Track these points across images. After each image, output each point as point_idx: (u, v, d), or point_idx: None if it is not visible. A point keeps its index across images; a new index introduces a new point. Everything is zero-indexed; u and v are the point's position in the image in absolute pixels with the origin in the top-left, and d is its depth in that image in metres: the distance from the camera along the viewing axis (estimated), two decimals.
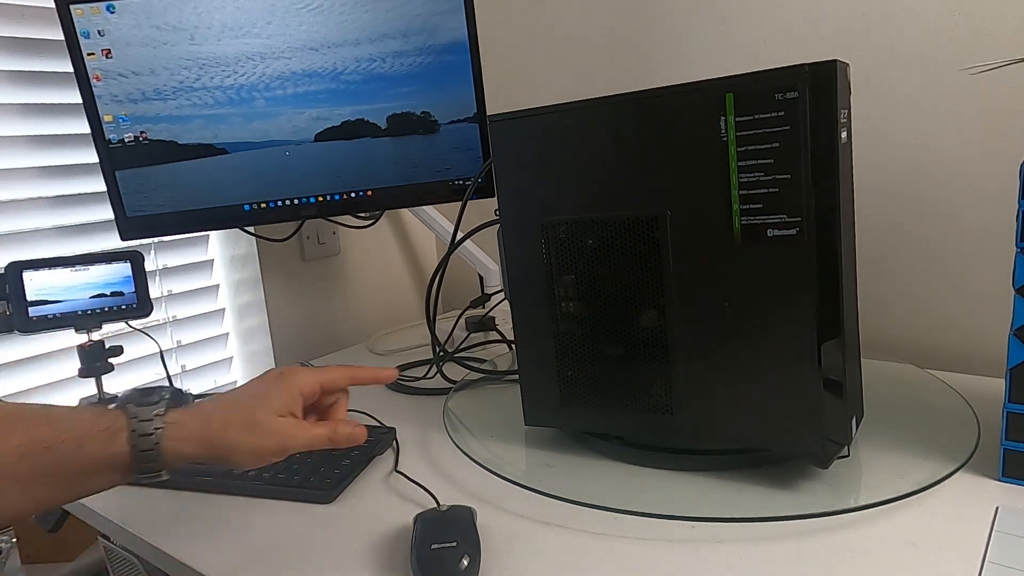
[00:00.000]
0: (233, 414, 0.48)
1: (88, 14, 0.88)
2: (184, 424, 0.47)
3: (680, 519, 0.55)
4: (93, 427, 0.44)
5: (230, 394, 0.51)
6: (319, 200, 0.99)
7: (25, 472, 0.41)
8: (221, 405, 0.49)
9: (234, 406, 0.49)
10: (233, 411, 0.48)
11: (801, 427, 0.56)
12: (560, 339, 0.66)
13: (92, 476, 0.44)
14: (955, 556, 0.48)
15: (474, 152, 0.99)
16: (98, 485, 0.45)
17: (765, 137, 0.53)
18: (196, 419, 0.47)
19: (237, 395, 0.51)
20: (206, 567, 0.56)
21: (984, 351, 0.84)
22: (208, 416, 0.48)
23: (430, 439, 0.76)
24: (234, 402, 0.49)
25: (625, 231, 0.60)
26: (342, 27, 0.93)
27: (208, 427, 0.47)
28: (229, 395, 0.51)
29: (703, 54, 0.98)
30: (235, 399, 0.50)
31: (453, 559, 0.50)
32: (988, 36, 0.77)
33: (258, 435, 0.47)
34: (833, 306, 0.54)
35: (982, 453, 0.59)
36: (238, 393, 0.51)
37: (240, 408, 0.48)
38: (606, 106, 0.59)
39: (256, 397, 0.49)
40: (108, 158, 0.92)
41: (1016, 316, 0.54)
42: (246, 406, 0.48)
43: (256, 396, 0.49)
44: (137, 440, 0.45)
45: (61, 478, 0.43)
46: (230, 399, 0.50)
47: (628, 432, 0.66)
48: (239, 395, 0.51)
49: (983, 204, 0.81)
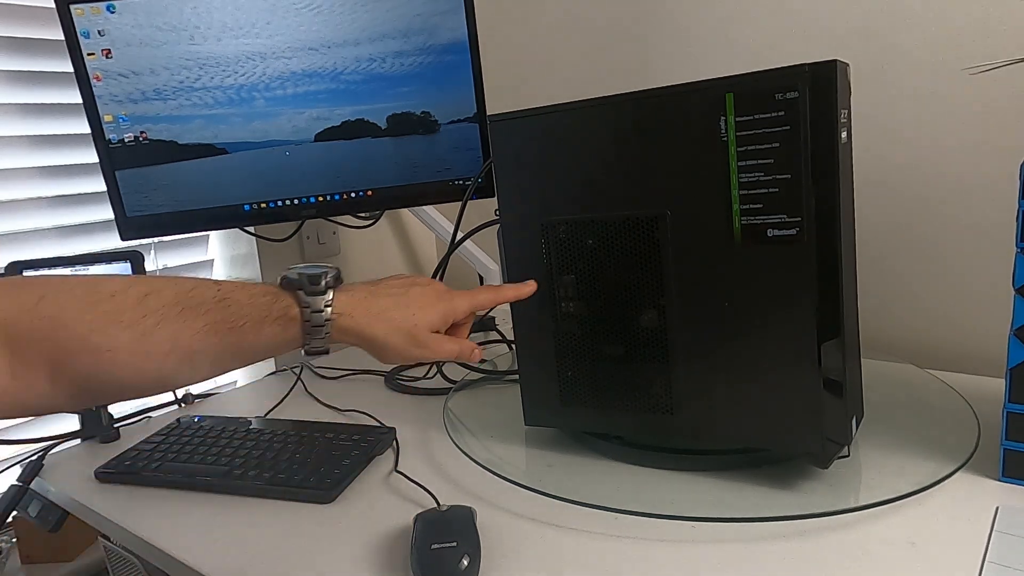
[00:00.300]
0: (396, 319, 0.52)
1: (88, 14, 0.88)
2: (352, 316, 0.50)
3: (680, 519, 0.55)
4: (269, 312, 0.47)
5: (396, 289, 0.54)
6: (319, 200, 0.99)
7: (211, 348, 0.45)
8: (387, 303, 0.52)
9: (397, 309, 0.52)
10: (397, 315, 0.52)
11: (801, 427, 0.56)
12: (560, 339, 0.66)
13: (268, 350, 0.49)
14: (955, 556, 0.48)
15: (474, 152, 0.99)
16: (273, 354, 0.50)
17: (765, 137, 0.53)
18: (364, 313, 0.51)
19: (401, 296, 0.53)
20: (206, 567, 0.56)
21: (984, 351, 0.84)
22: (375, 314, 0.51)
23: (430, 439, 0.76)
24: (398, 304, 0.52)
25: (625, 231, 0.60)
26: (342, 27, 0.93)
27: (372, 326, 0.51)
28: (395, 291, 0.54)
29: (703, 54, 0.98)
30: (400, 301, 0.53)
31: (453, 559, 0.50)
32: (988, 36, 0.77)
33: (412, 344, 0.52)
34: (833, 306, 0.54)
35: (982, 453, 0.59)
36: (402, 292, 0.54)
37: (403, 315, 0.52)
38: (606, 106, 0.59)
39: (420, 308, 0.53)
40: (108, 158, 0.92)
41: (1016, 316, 0.54)
42: (409, 315, 0.52)
43: (420, 307, 0.53)
44: (310, 330, 0.49)
45: (241, 350, 0.47)
46: (395, 298, 0.53)
47: (628, 432, 0.66)
48: (403, 296, 0.53)
49: (983, 204, 0.81)
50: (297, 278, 0.49)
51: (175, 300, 0.44)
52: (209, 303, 0.45)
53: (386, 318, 0.52)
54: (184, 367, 0.45)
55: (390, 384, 0.96)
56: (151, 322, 0.43)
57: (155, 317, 0.43)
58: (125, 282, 0.44)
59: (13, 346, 0.40)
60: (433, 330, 0.54)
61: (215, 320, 0.45)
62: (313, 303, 0.49)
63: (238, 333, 0.46)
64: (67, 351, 0.41)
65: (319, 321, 0.49)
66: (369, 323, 0.51)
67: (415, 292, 0.54)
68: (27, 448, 0.82)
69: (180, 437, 0.79)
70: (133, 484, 0.71)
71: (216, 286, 0.46)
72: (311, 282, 0.49)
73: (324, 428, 0.78)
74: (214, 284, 0.47)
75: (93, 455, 0.80)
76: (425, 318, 0.53)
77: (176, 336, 0.44)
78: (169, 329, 0.43)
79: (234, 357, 0.47)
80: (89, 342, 0.41)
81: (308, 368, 1.07)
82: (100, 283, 0.44)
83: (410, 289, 0.54)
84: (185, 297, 0.45)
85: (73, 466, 0.78)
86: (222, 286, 0.47)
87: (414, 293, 0.54)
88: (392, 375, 0.99)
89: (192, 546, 0.59)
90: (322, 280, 0.49)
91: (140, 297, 0.43)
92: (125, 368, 0.43)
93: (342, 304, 0.50)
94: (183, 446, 0.76)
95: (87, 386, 0.43)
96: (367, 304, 0.52)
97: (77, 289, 0.43)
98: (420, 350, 0.53)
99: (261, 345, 0.48)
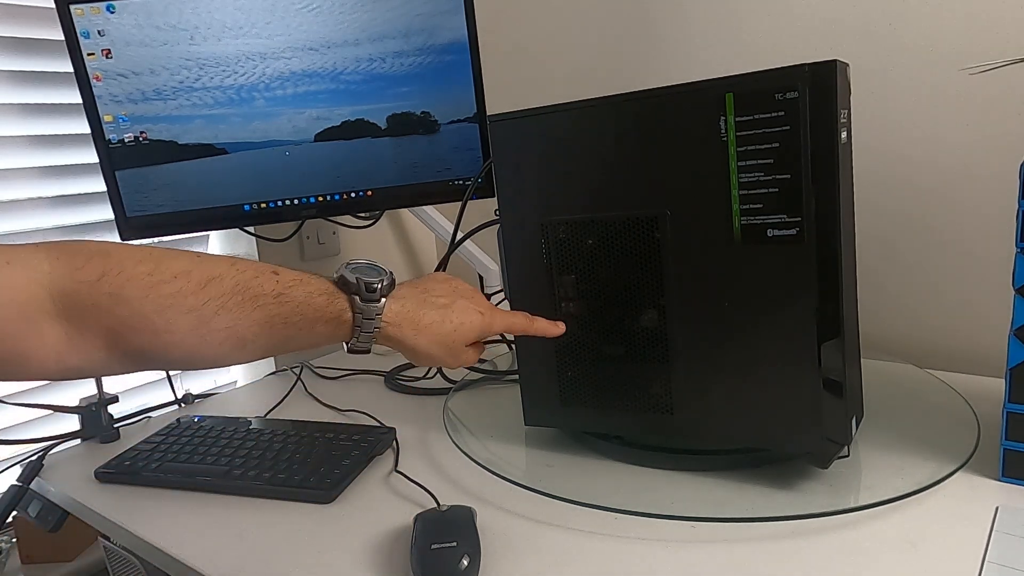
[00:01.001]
0: (439, 333, 0.55)
1: (88, 14, 0.88)
2: (400, 326, 0.53)
3: (680, 519, 0.55)
4: (323, 314, 0.50)
5: (442, 300, 0.57)
6: (319, 200, 0.99)
7: (264, 338, 0.48)
8: (433, 317, 0.55)
9: (442, 324, 0.55)
10: (440, 329, 0.55)
11: (801, 427, 0.56)
12: (560, 339, 0.66)
13: (316, 344, 0.52)
14: (955, 556, 0.48)
15: (474, 152, 0.99)
16: (319, 347, 0.53)
17: (765, 137, 0.53)
18: (411, 326, 0.54)
19: (446, 310, 0.56)
20: (206, 567, 0.56)
21: (984, 351, 0.84)
22: (422, 327, 0.54)
23: (430, 439, 0.76)
24: (443, 319, 0.55)
25: (625, 231, 0.60)
26: (342, 27, 0.93)
27: (416, 338, 0.54)
28: (441, 302, 0.56)
29: (703, 54, 0.98)
30: (445, 315, 0.56)
31: (453, 559, 0.50)
32: (989, 36, 0.77)
33: (448, 355, 0.56)
34: (833, 306, 0.54)
35: (982, 453, 0.59)
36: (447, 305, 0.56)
37: (446, 329, 0.55)
38: (606, 106, 0.59)
39: (461, 324, 0.56)
40: (108, 158, 0.92)
41: (1016, 316, 0.54)
42: (451, 329, 0.55)
43: (461, 323, 0.56)
44: (360, 335, 0.52)
45: (292, 343, 0.50)
46: (441, 312, 0.56)
47: (628, 432, 0.66)
48: (448, 311, 0.56)
49: (983, 204, 0.81)
50: (355, 283, 0.51)
51: (235, 289, 0.46)
52: (268, 297, 0.47)
53: (430, 332, 0.55)
54: (236, 353, 0.48)
55: (390, 384, 0.96)
56: (211, 310, 0.45)
57: (215, 305, 0.45)
58: (188, 262, 0.46)
59: (72, 316, 0.42)
60: (468, 344, 0.58)
61: (271, 315, 0.47)
62: (367, 311, 0.51)
63: (292, 328, 0.49)
64: (126, 327, 0.43)
65: (369, 328, 0.52)
66: (415, 335, 0.54)
67: (459, 306, 0.57)
68: (27, 448, 0.82)
69: (180, 437, 0.79)
70: (133, 484, 0.71)
71: (275, 278, 0.48)
72: (368, 290, 0.51)
73: (324, 428, 0.78)
74: (272, 275, 0.49)
75: (93, 455, 0.80)
76: (465, 333, 0.56)
77: (233, 325, 0.46)
78: (228, 318, 0.45)
79: (283, 347, 0.50)
80: (149, 322, 0.43)
81: (308, 368, 1.07)
82: (163, 261, 0.45)
83: (455, 302, 0.57)
84: (246, 286, 0.47)
85: (73, 466, 0.78)
86: (280, 278, 0.49)
87: (458, 308, 0.57)
88: (392, 375, 0.99)
89: (192, 546, 0.59)
90: (378, 288, 0.52)
91: (203, 282, 0.45)
92: (180, 348, 0.45)
93: (392, 314, 0.53)
94: (183, 446, 0.76)
95: (141, 358, 0.45)
96: (415, 316, 0.54)
97: (140, 267, 0.44)
98: (453, 360, 0.57)
99: (311, 341, 0.51)
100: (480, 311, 0.58)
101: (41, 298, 0.41)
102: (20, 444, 0.83)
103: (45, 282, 0.41)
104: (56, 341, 0.42)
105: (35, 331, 0.41)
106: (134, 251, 0.45)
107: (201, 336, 0.45)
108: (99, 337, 0.43)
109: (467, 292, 0.59)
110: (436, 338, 0.55)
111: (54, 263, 0.42)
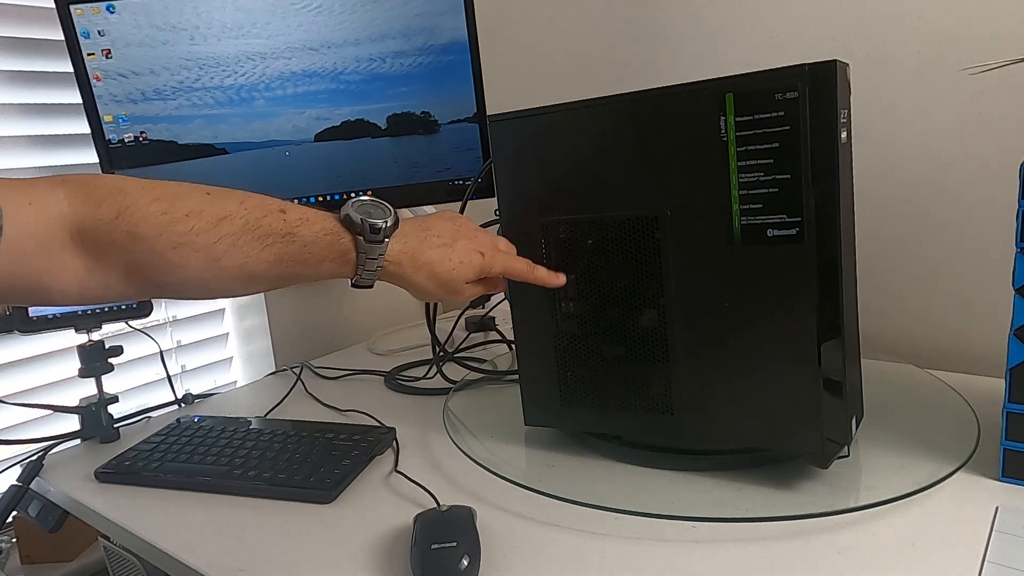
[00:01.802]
0: (439, 272, 0.57)
1: (88, 14, 0.88)
2: (400, 264, 0.56)
3: (680, 519, 0.55)
4: (329, 253, 0.53)
5: (444, 240, 0.58)
6: (319, 200, 0.99)
7: (272, 274, 0.51)
8: (433, 256, 0.57)
9: (441, 263, 0.57)
10: (440, 268, 0.57)
11: (801, 427, 0.56)
12: (560, 339, 0.66)
13: (321, 279, 0.54)
14: (955, 556, 0.48)
15: (474, 152, 0.99)
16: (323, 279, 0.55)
17: (765, 137, 0.53)
18: (411, 264, 0.56)
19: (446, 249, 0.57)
20: (206, 567, 0.56)
21: (984, 351, 0.84)
22: (421, 265, 0.56)
23: (430, 439, 0.76)
24: (443, 258, 0.57)
25: (625, 231, 0.60)
26: (342, 27, 0.93)
27: (416, 275, 0.56)
28: (442, 242, 0.58)
29: (703, 54, 0.98)
30: (445, 254, 0.57)
31: (453, 559, 0.50)
32: (988, 36, 0.77)
33: (445, 291, 0.58)
34: (833, 306, 0.54)
35: (982, 453, 0.59)
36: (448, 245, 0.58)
37: (445, 268, 0.57)
38: (606, 106, 0.59)
39: (460, 263, 0.57)
40: (108, 158, 0.92)
41: (1016, 316, 0.54)
42: (450, 268, 0.57)
43: (461, 262, 0.57)
44: (363, 272, 0.54)
45: (298, 278, 0.53)
46: (441, 251, 0.57)
47: (628, 432, 0.66)
48: (449, 250, 0.57)
49: (982, 204, 0.81)
50: (360, 224, 0.53)
51: (245, 227, 0.49)
52: (277, 235, 0.50)
53: (429, 271, 0.57)
54: (244, 287, 0.51)
55: (390, 384, 0.96)
56: (222, 247, 0.48)
57: (226, 243, 0.48)
58: (200, 200, 0.48)
59: (91, 250, 0.45)
60: (467, 282, 0.59)
61: (280, 252, 0.50)
62: (370, 251, 0.54)
63: (299, 266, 0.52)
64: (143, 262, 0.46)
65: (372, 267, 0.54)
66: (415, 272, 0.56)
67: (460, 247, 0.58)
68: (27, 448, 0.82)
69: (180, 437, 0.79)
70: (133, 484, 0.71)
71: (282, 216, 0.51)
72: (372, 230, 0.53)
73: (324, 428, 0.78)
74: (280, 214, 0.51)
75: (93, 455, 0.80)
76: (463, 272, 0.58)
77: (244, 262, 0.49)
78: (238, 255, 0.48)
79: (290, 281, 0.53)
80: (164, 258, 0.46)
81: (308, 368, 1.07)
82: (176, 200, 0.47)
83: (456, 243, 0.58)
84: (255, 225, 0.49)
85: (73, 466, 0.78)
86: (287, 216, 0.51)
87: (459, 248, 0.58)
88: (392, 375, 0.99)
89: (192, 546, 0.59)
90: (382, 229, 0.54)
91: (215, 221, 0.47)
92: (193, 281, 0.48)
93: (395, 253, 0.55)
94: (183, 446, 0.76)
95: (158, 290, 0.49)
96: (416, 255, 0.56)
97: (154, 205, 0.46)
98: (451, 295, 0.59)
99: (316, 276, 0.54)
100: (481, 251, 0.59)
101: (62, 235, 0.44)
102: (20, 444, 0.83)
103: (67, 219, 0.44)
104: (77, 272, 0.45)
105: (57, 264, 0.44)
106: (149, 188, 0.47)
107: (213, 272, 0.48)
108: (118, 269, 0.46)
109: (469, 232, 0.60)
110: (434, 277, 0.57)
111: (73, 200, 0.44)
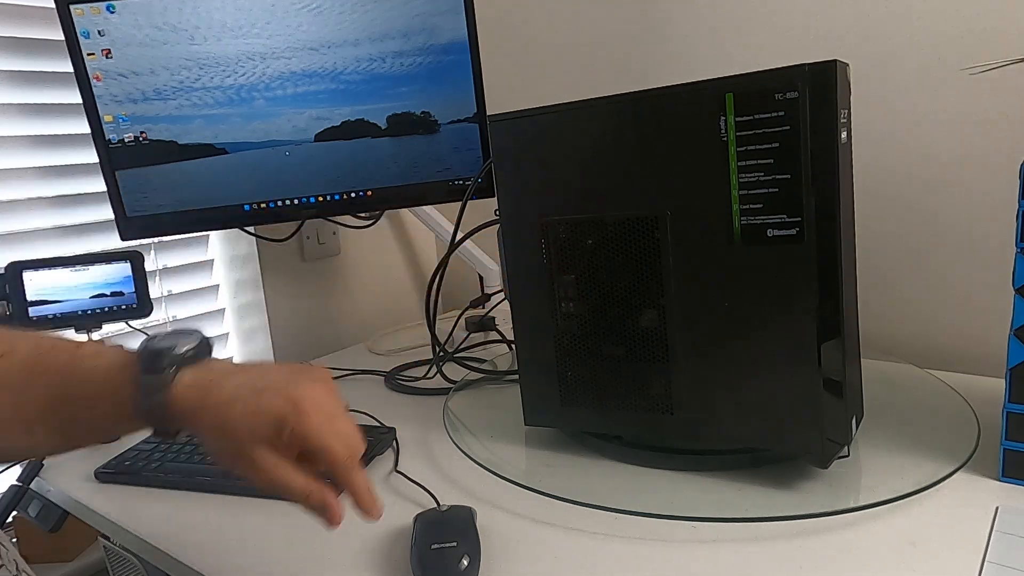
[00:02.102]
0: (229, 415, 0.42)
1: (88, 14, 0.88)
2: (185, 399, 0.42)
3: (680, 519, 0.55)
4: (105, 387, 0.42)
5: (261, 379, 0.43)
6: (319, 200, 0.99)
7: (48, 419, 0.42)
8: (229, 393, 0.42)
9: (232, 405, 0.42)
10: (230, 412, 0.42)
11: (801, 427, 0.56)
12: (560, 339, 0.66)
13: (108, 429, 0.44)
14: (955, 556, 0.48)
15: (474, 152, 0.99)
16: (117, 434, 0.45)
17: (765, 137, 0.53)
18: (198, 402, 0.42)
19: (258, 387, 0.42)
20: (206, 567, 0.56)
21: (984, 351, 0.84)
22: (209, 403, 0.42)
23: (430, 439, 0.76)
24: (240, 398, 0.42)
25: (625, 231, 0.60)
26: (342, 27, 0.93)
27: (202, 418, 0.42)
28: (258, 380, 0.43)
29: (703, 54, 0.98)
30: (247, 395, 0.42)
31: (453, 559, 0.50)
32: (988, 36, 0.77)
33: (231, 451, 0.42)
34: (833, 306, 0.54)
35: (982, 453, 0.59)
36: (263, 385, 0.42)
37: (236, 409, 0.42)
38: (606, 106, 0.59)
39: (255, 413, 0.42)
40: (108, 158, 0.92)
41: (1016, 316, 0.54)
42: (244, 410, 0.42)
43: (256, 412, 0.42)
44: (147, 416, 0.42)
45: (78, 425, 0.43)
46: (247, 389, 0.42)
47: (628, 432, 0.66)
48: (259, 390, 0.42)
49: (983, 203, 0.81)
50: (141, 351, 0.42)
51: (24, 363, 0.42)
52: (53, 372, 0.42)
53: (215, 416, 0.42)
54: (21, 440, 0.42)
55: (390, 384, 0.96)
56: None
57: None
58: None
59: None
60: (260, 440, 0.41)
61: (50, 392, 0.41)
62: (151, 384, 0.41)
63: (73, 407, 0.42)
64: None
65: (156, 406, 0.41)
66: (200, 416, 0.42)
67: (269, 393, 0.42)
68: None
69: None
70: (133, 484, 0.71)
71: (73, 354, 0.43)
72: (152, 356, 0.42)
73: None
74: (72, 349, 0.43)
75: (93, 455, 0.80)
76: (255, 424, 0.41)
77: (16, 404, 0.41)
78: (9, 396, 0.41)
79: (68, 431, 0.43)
80: None
81: None
82: None
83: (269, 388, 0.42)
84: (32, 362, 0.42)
85: (73, 466, 0.78)
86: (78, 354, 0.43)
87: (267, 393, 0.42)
88: (392, 375, 0.99)
89: (192, 546, 0.59)
90: (166, 356, 0.42)
91: None
92: None
93: (185, 387, 0.42)
94: (183, 446, 0.76)
95: None
96: (207, 392, 0.42)
97: None
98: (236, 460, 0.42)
99: (99, 420, 0.42)
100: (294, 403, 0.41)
101: None
102: None
103: None
104: None
105: None
106: None
107: None
108: None
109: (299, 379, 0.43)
110: (222, 426, 0.41)
111: None
